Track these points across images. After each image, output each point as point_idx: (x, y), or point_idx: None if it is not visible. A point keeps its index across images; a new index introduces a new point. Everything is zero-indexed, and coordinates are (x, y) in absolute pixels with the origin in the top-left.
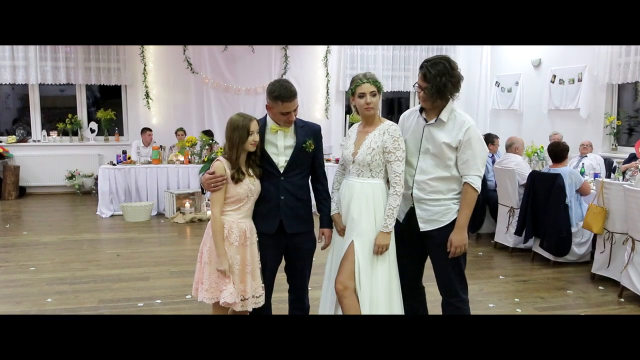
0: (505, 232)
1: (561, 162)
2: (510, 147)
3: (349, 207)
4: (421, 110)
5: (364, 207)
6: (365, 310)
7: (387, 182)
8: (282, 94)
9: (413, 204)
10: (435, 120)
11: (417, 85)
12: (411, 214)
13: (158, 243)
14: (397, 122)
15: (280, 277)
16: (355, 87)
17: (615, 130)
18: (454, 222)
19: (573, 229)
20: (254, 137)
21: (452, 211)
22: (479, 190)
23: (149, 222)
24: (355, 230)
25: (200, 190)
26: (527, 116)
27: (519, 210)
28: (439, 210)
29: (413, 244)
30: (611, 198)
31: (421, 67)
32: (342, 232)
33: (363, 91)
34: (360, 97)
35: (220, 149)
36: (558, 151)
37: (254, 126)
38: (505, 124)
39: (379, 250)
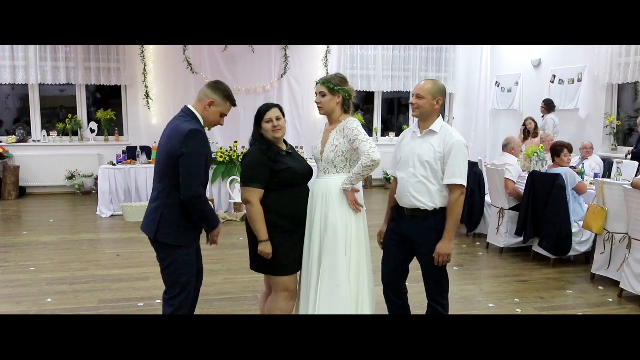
0: (496, 232)
1: (558, 157)
2: (506, 147)
3: (315, 204)
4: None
5: (330, 203)
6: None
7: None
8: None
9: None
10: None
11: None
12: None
13: None
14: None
15: None
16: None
17: (615, 131)
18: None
19: (574, 229)
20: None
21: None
22: None
23: None
24: (326, 226)
25: None
26: (527, 116)
27: (508, 211)
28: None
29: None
30: (611, 198)
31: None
32: None
33: (316, 91)
34: (316, 95)
35: (221, 149)
36: (555, 147)
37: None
38: (505, 124)
39: (352, 203)
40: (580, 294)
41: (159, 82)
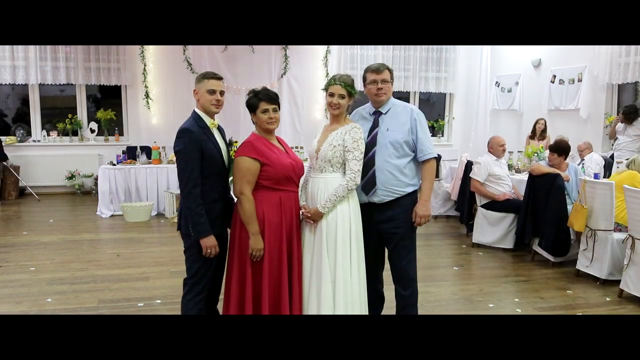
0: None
1: (560, 157)
2: (487, 145)
3: (309, 202)
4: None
5: (319, 202)
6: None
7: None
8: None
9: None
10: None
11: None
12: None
13: (158, 243)
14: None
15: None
16: (328, 85)
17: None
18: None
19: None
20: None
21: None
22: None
23: (149, 222)
24: (323, 225)
25: None
26: (527, 116)
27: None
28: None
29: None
30: (594, 196)
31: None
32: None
33: (333, 91)
34: (330, 96)
35: None
36: (564, 146)
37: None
38: (505, 124)
39: (307, 219)
40: (580, 294)
41: (159, 82)
